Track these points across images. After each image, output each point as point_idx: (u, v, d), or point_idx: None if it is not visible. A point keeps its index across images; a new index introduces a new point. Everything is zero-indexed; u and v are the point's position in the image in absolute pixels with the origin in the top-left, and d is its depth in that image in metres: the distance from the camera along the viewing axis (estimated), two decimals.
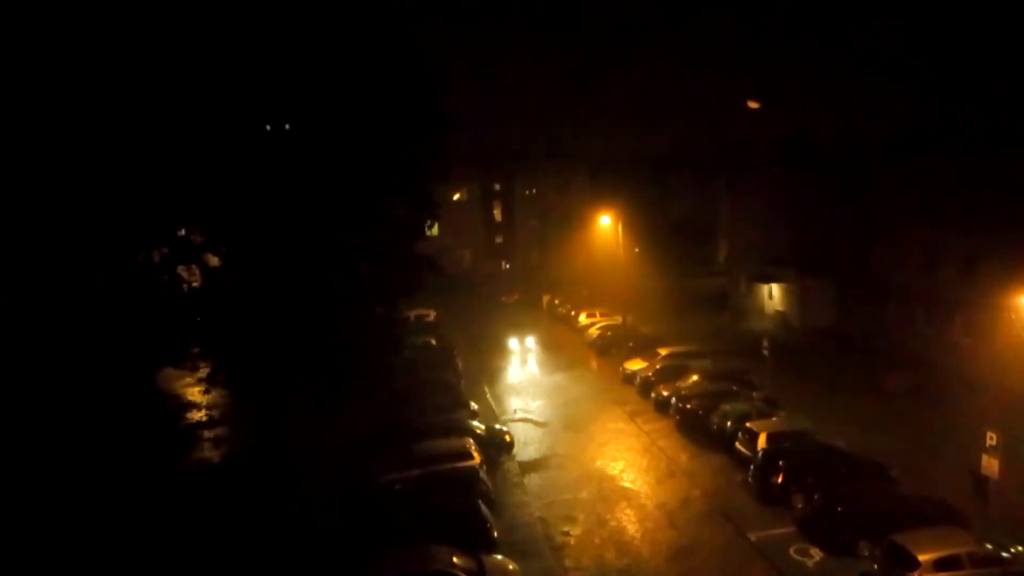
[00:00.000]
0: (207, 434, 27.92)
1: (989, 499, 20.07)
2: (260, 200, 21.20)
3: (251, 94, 20.21)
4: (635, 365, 35.78)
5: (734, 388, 29.83)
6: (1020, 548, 17.71)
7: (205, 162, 20.22)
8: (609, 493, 23.84)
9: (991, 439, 19.69)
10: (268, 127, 21.95)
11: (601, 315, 48.50)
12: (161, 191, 19.85)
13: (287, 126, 22.14)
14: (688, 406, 28.74)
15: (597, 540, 20.77)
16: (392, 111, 22.92)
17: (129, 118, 18.53)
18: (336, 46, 21.49)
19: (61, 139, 17.82)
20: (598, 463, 26.48)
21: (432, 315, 49.82)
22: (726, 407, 27.21)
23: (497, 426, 28.36)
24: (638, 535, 20.99)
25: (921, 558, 16.41)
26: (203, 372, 24.48)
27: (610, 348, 41.86)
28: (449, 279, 40.17)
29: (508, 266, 79.68)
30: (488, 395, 35.24)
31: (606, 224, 47.83)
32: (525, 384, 38.02)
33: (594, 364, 41.15)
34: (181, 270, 22.86)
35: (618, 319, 44.21)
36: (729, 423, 26.16)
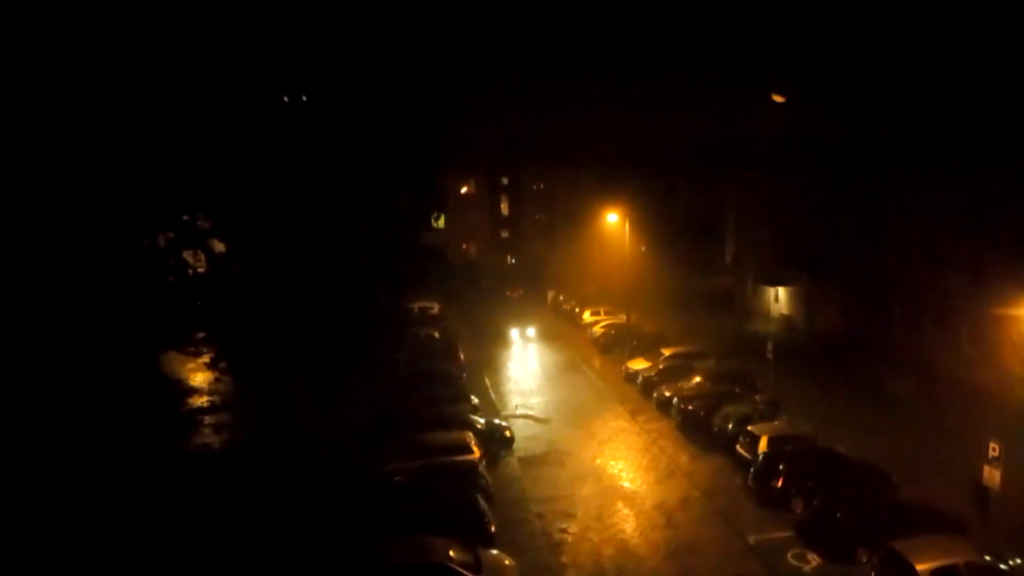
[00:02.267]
0: (208, 419, 27.99)
1: (990, 509, 19.95)
2: (266, 187, 21.18)
3: (259, 79, 20.15)
4: (638, 364, 35.71)
5: (737, 390, 29.73)
6: (1020, 560, 17.60)
7: (213, 147, 20.20)
8: (608, 491, 23.80)
9: (994, 450, 19.54)
10: (285, 99, 21.83)
11: (605, 313, 48.43)
12: (168, 176, 19.85)
13: (304, 97, 22.00)
14: (690, 407, 28.67)
15: (595, 538, 20.74)
16: (401, 98, 22.85)
17: (137, 101, 18.51)
18: (348, 35, 21.41)
19: (68, 122, 17.80)
20: (598, 461, 26.45)
21: (436, 307, 49.85)
22: (728, 409, 27.12)
23: (498, 421, 28.34)
24: (636, 534, 20.96)
25: (919, 567, 16.31)
26: (206, 357, 24.55)
27: (613, 346, 41.81)
28: (454, 272, 40.24)
29: (514, 260, 79.61)
30: (490, 389, 35.23)
31: (613, 221, 47.73)
32: (527, 379, 38.00)
33: (597, 362, 41.08)
34: (187, 255, 22.90)
35: (622, 317, 44.13)
36: (730, 425, 26.08)
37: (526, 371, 39.92)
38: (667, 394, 30.84)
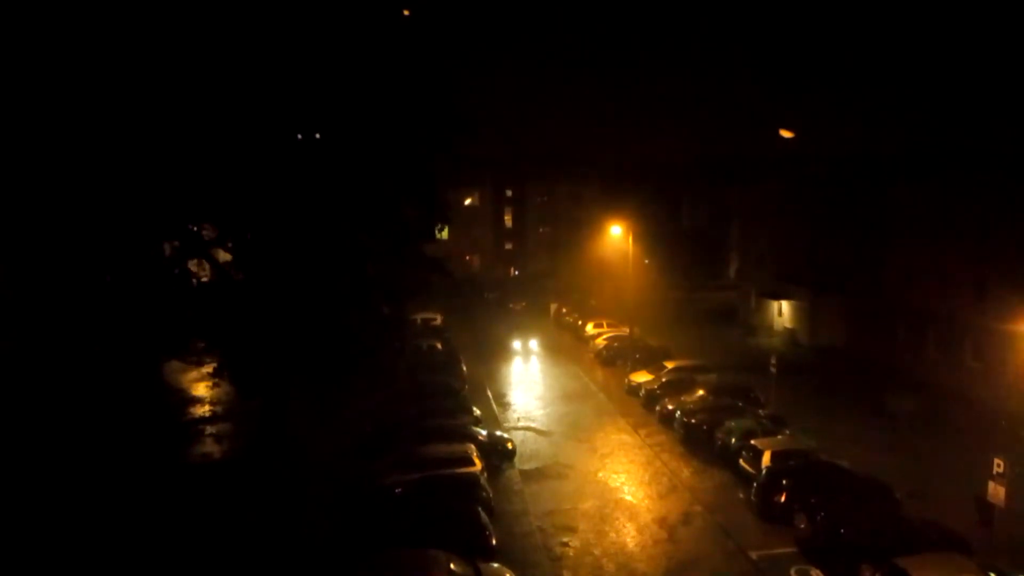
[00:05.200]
0: (209, 429, 27.99)
1: (994, 526, 19.82)
2: (272, 198, 21.24)
3: (265, 94, 20.22)
4: (641, 377, 35.61)
5: (740, 404, 29.61)
6: None
7: (220, 159, 20.28)
8: (610, 505, 23.67)
9: (998, 466, 19.45)
10: (299, 135, 22.01)
11: (608, 326, 48.37)
12: (175, 185, 19.92)
13: (317, 135, 22.19)
14: (693, 421, 28.56)
15: (596, 552, 20.61)
16: (407, 114, 22.94)
17: (145, 113, 18.61)
18: (355, 52, 21.52)
19: (76, 132, 17.90)
20: (600, 474, 26.32)
21: (438, 319, 49.83)
22: (731, 423, 27.01)
23: (499, 433, 28.24)
24: (637, 549, 20.82)
25: None
26: (209, 367, 24.55)
27: (616, 359, 41.71)
28: (457, 283, 40.21)
29: (517, 272, 79.66)
30: (491, 401, 35.15)
31: (617, 234, 47.76)
32: (529, 392, 37.90)
33: (599, 374, 40.98)
34: (191, 264, 22.95)
35: (625, 330, 44.08)
36: (733, 439, 25.96)
37: (528, 383, 39.83)
38: (670, 407, 30.73)
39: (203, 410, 30.39)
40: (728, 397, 30.47)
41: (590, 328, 49.11)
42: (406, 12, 22.67)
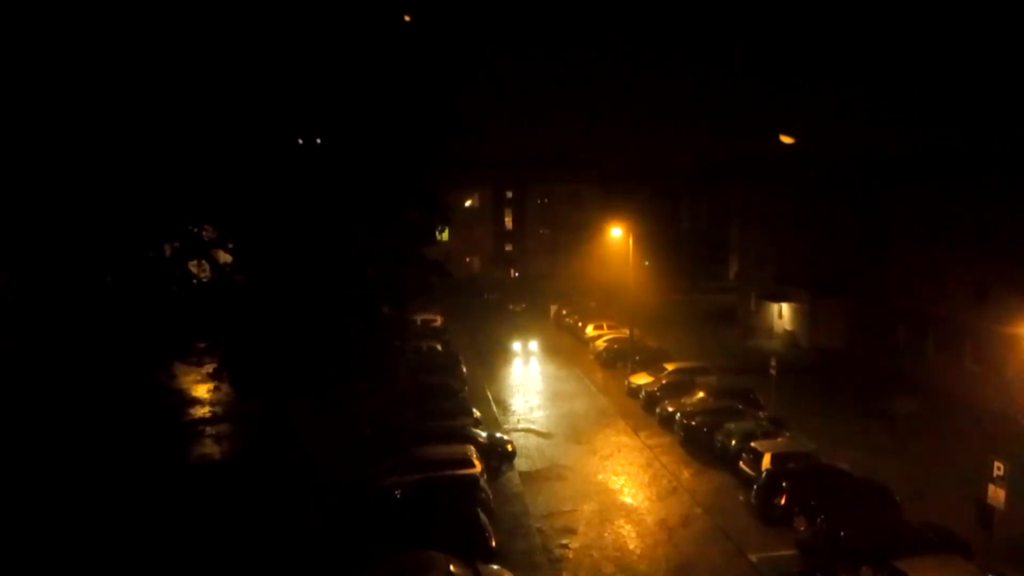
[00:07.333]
0: (209, 430, 27.97)
1: (994, 529, 19.80)
2: (272, 199, 21.24)
3: (266, 98, 20.22)
4: (641, 379, 35.61)
5: (740, 406, 29.61)
6: None
7: (220, 162, 20.28)
8: (610, 507, 23.68)
9: (998, 469, 19.43)
10: (300, 140, 22.01)
11: (608, 327, 48.37)
12: (176, 187, 19.92)
13: (317, 139, 22.17)
14: (693, 423, 28.57)
15: (596, 554, 20.62)
16: (407, 115, 22.95)
17: (147, 115, 18.61)
18: (356, 56, 21.54)
19: (77, 134, 17.90)
20: (600, 476, 26.33)
21: (439, 320, 49.86)
22: (731, 425, 27.01)
23: (499, 435, 28.23)
24: (637, 551, 20.83)
25: None
26: (209, 368, 24.53)
27: (616, 361, 41.70)
28: (457, 284, 40.21)
29: (517, 274, 79.69)
30: (491, 402, 35.16)
31: (617, 236, 47.79)
32: (529, 393, 37.91)
33: (599, 376, 40.99)
34: (191, 265, 22.95)
35: (625, 332, 44.09)
36: (733, 441, 25.96)
37: (528, 385, 39.84)
38: (670, 410, 30.73)
39: (203, 411, 30.37)
40: (728, 399, 30.48)
41: (590, 330, 49.11)
42: (407, 17, 22.68)
